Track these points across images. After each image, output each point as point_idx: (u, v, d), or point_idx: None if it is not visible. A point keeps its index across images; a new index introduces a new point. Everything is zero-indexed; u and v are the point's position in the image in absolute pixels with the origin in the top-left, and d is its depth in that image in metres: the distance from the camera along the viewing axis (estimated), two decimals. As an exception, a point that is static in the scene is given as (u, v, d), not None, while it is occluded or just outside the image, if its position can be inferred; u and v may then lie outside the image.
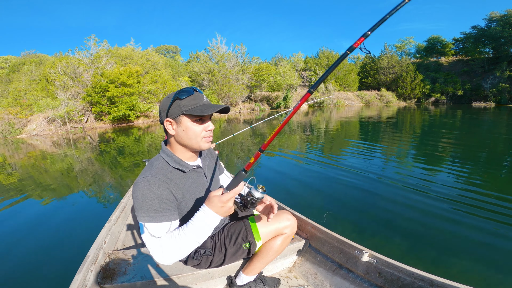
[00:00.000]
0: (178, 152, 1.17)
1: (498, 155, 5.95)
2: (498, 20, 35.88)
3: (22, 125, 17.47)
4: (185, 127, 1.10)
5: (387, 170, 4.91)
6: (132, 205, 2.47)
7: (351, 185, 4.14)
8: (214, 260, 1.33)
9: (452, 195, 3.59)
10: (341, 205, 3.45)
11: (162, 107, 1.12)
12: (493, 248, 2.40)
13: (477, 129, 10.85)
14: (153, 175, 1.06)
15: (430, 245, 2.49)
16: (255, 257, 1.40)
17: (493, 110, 21.86)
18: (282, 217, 1.39)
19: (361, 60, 49.39)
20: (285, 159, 6.30)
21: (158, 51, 48.72)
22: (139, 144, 10.18)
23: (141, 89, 21.06)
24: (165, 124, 1.11)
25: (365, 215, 3.15)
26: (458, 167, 4.95)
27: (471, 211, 3.10)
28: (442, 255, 2.32)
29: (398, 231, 2.75)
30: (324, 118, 17.57)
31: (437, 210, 3.14)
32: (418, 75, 38.23)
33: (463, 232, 2.68)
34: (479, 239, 2.54)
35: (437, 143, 7.47)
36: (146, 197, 1.02)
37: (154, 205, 1.02)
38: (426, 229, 2.77)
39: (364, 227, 2.87)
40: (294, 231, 1.42)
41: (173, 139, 1.16)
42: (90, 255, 1.38)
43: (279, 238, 1.37)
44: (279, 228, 1.37)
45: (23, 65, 30.20)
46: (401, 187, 3.97)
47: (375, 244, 2.52)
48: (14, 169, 6.89)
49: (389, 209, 3.25)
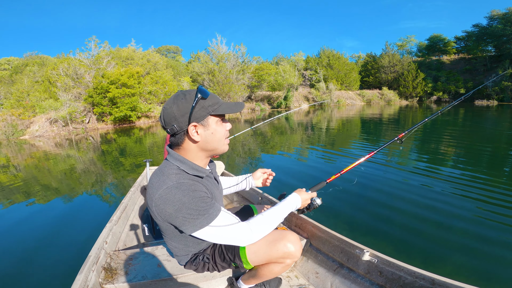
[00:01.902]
0: (195, 159, 1.04)
1: (503, 153, 5.91)
2: (499, 18, 35.64)
3: (25, 126, 17.58)
4: (213, 130, 1.00)
5: (388, 167, 4.89)
6: (134, 205, 2.48)
7: (351, 183, 4.13)
8: (210, 268, 1.28)
9: (454, 193, 3.57)
10: (341, 205, 3.43)
11: (179, 112, 0.94)
12: (497, 247, 2.39)
13: (479, 127, 10.79)
14: (178, 181, 0.95)
15: (432, 244, 2.48)
16: (252, 273, 1.29)
17: (496, 108, 21.74)
18: (281, 244, 1.09)
19: (362, 59, 49.31)
20: (286, 157, 6.30)
21: (159, 51, 48.83)
22: (141, 145, 10.20)
23: (142, 89, 21.13)
24: (189, 130, 0.96)
25: (365, 214, 3.13)
26: (461, 165, 4.93)
27: (475, 210, 3.08)
28: (444, 254, 2.31)
29: (399, 230, 2.73)
30: (325, 117, 17.53)
31: (439, 209, 3.12)
32: (420, 73, 38.07)
33: (465, 231, 2.66)
34: (482, 238, 2.53)
35: (440, 141, 7.44)
36: (188, 204, 0.92)
37: (201, 207, 0.94)
38: (427, 227, 2.75)
39: (365, 226, 2.85)
40: (296, 259, 1.14)
41: (194, 146, 1.01)
42: (91, 255, 1.39)
43: (277, 265, 1.15)
44: (274, 257, 1.11)
45: (26, 66, 30.40)
46: (403, 186, 3.95)
47: (376, 243, 2.51)
48: (18, 170, 6.93)
49: (390, 207, 3.24)
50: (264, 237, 1.13)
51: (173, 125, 0.96)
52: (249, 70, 30.42)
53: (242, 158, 6.59)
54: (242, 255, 1.15)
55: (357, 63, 47.11)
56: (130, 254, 1.58)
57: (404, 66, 39.70)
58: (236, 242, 1.02)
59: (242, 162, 6.15)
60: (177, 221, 0.94)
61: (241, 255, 1.16)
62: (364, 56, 50.06)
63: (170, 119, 0.96)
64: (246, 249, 1.14)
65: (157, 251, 1.60)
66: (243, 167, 5.67)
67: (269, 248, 1.11)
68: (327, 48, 39.84)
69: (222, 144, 1.06)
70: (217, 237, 0.99)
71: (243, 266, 1.19)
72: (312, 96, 34.23)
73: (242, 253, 1.15)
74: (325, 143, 8.13)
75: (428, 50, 47.47)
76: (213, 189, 1.14)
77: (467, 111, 19.66)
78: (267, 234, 1.14)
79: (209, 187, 1.11)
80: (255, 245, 1.13)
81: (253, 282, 1.34)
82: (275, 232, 1.16)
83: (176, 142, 1.02)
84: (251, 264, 1.17)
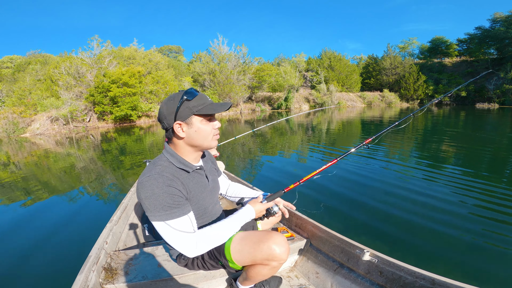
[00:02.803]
0: (184, 154, 1.15)
1: (503, 156, 5.90)
2: (502, 20, 35.58)
3: (26, 124, 17.63)
4: (197, 128, 1.09)
5: (389, 168, 4.89)
6: (134, 205, 2.47)
7: (352, 184, 4.13)
8: (200, 264, 1.30)
9: (455, 194, 3.56)
10: (341, 204, 3.43)
11: (167, 111, 1.07)
12: (496, 247, 2.39)
13: (481, 130, 10.78)
14: (159, 173, 1.04)
15: (432, 244, 2.48)
16: (244, 274, 1.28)
17: (497, 112, 21.72)
18: (265, 245, 1.08)
19: (364, 60, 49.30)
20: (285, 158, 6.30)
21: (161, 51, 48.92)
22: (141, 144, 10.21)
23: (143, 89, 21.17)
24: (175, 127, 1.08)
25: (366, 214, 3.13)
26: (462, 167, 4.92)
27: (475, 211, 3.08)
28: (444, 254, 2.31)
29: (399, 230, 2.73)
30: (325, 119, 17.54)
31: (440, 209, 3.12)
32: (421, 76, 38.03)
33: (465, 231, 2.66)
34: (481, 239, 2.52)
35: (440, 143, 7.44)
36: (157, 195, 1.01)
37: (167, 202, 1.01)
38: (427, 228, 2.75)
39: (365, 226, 2.85)
40: (282, 261, 1.13)
41: (181, 142, 1.13)
42: (91, 255, 1.39)
43: (263, 268, 1.14)
44: (259, 259, 1.10)
45: (29, 64, 30.42)
46: (403, 186, 3.95)
47: (376, 243, 2.51)
48: (18, 168, 6.93)
49: (390, 207, 3.24)
50: (250, 237, 1.15)
51: (164, 122, 1.10)
52: (250, 71, 30.45)
53: (242, 158, 6.59)
54: (226, 253, 1.17)
55: (358, 65, 47.08)
56: (130, 254, 1.58)
57: (405, 68, 39.66)
58: (179, 249, 1.06)
59: (241, 162, 6.15)
60: (144, 206, 1.03)
61: (226, 253, 1.17)
62: (365, 58, 50.05)
63: (162, 117, 1.10)
64: (231, 248, 1.15)
65: (157, 251, 1.60)
66: (242, 167, 5.67)
67: (253, 248, 1.11)
68: (328, 50, 39.90)
69: (209, 140, 1.14)
70: (167, 237, 1.04)
71: (228, 265, 1.20)
72: (313, 97, 34.24)
73: (226, 251, 1.17)
74: (325, 142, 8.13)
75: (430, 53, 47.41)
76: (196, 185, 1.18)
77: (468, 114, 19.65)
78: (253, 234, 1.17)
79: (193, 183, 1.16)
80: (240, 244, 1.14)
81: (247, 284, 1.35)
82: (260, 233, 1.16)
83: (169, 137, 1.15)
84: (236, 264, 1.17)
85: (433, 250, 2.40)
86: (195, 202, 1.18)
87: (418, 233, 2.67)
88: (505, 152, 6.30)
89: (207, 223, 1.27)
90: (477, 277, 2.06)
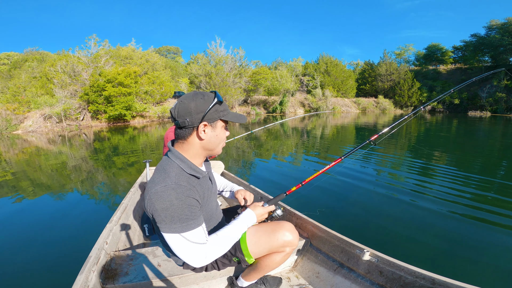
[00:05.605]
0: (193, 157, 1.10)
1: (494, 162, 6.01)
2: (498, 28, 36.03)
3: (19, 121, 17.37)
4: (218, 133, 1.08)
5: (389, 170, 4.94)
6: (134, 206, 2.45)
7: (352, 184, 4.15)
8: (209, 266, 1.29)
9: (452, 195, 3.64)
10: (341, 204, 3.45)
11: (196, 109, 1.01)
12: (495, 247, 2.43)
13: (472, 138, 10.96)
14: (177, 183, 0.98)
15: (431, 244, 2.51)
16: (253, 267, 1.32)
17: (489, 120, 22.11)
18: (280, 233, 1.21)
19: (361, 66, 49.83)
20: (281, 162, 6.32)
21: (159, 52, 48.76)
22: (134, 144, 10.13)
23: (138, 89, 21.05)
24: (200, 128, 1.03)
25: (366, 214, 3.16)
26: (462, 167, 5.00)
27: (471, 212, 3.14)
28: (444, 254, 2.34)
29: (399, 230, 2.76)
30: (320, 124, 17.64)
31: (437, 210, 3.17)
32: (416, 83, 38.59)
33: (463, 231, 2.71)
34: (479, 238, 2.57)
35: (433, 148, 7.54)
36: (175, 207, 0.95)
37: (185, 214, 0.97)
38: (426, 228, 2.79)
39: (365, 226, 2.88)
40: (294, 246, 1.25)
41: (198, 143, 1.07)
42: (92, 255, 1.37)
43: (278, 255, 1.24)
44: (275, 247, 1.21)
45: (25, 62, 30.02)
46: (403, 187, 4.02)
47: (376, 243, 2.52)
48: (11, 167, 6.81)
49: (389, 208, 3.28)
50: (263, 229, 1.23)
51: (186, 119, 1.01)
52: (246, 74, 30.51)
53: (240, 158, 6.59)
54: (243, 247, 1.19)
55: (355, 71, 47.58)
56: (130, 255, 1.57)
57: (400, 75, 40.23)
58: (188, 260, 1.01)
59: (240, 161, 6.15)
60: (158, 218, 0.97)
61: (242, 248, 1.19)
62: (362, 64, 50.60)
63: (185, 113, 1.01)
64: (247, 242, 1.19)
65: (157, 251, 1.59)
66: (240, 166, 5.68)
67: (269, 238, 1.20)
68: (326, 55, 40.21)
69: (221, 147, 1.14)
70: (178, 249, 0.99)
71: (245, 260, 1.21)
72: (308, 102, 34.40)
73: (243, 245, 1.19)
74: (321, 146, 8.18)
75: (426, 59, 48.16)
76: (206, 190, 1.16)
77: (460, 122, 19.97)
78: (265, 226, 1.25)
79: (204, 188, 1.14)
80: (256, 237, 1.21)
81: (254, 276, 1.35)
82: (271, 224, 1.27)
83: (182, 135, 1.07)
84: (252, 257, 1.21)
85: (433, 249, 2.43)
86: (204, 208, 1.15)
87: (418, 233, 2.71)
88: (497, 159, 6.41)
89: (213, 227, 1.25)
90: (477, 277, 2.09)
